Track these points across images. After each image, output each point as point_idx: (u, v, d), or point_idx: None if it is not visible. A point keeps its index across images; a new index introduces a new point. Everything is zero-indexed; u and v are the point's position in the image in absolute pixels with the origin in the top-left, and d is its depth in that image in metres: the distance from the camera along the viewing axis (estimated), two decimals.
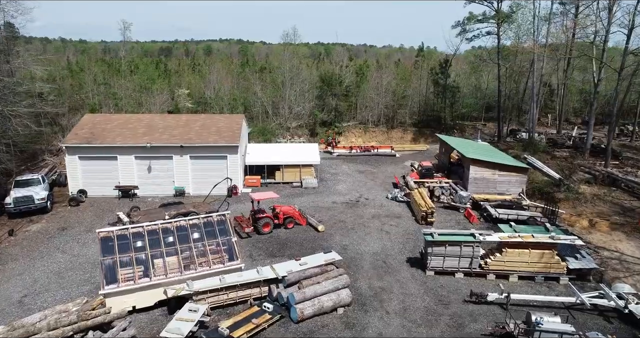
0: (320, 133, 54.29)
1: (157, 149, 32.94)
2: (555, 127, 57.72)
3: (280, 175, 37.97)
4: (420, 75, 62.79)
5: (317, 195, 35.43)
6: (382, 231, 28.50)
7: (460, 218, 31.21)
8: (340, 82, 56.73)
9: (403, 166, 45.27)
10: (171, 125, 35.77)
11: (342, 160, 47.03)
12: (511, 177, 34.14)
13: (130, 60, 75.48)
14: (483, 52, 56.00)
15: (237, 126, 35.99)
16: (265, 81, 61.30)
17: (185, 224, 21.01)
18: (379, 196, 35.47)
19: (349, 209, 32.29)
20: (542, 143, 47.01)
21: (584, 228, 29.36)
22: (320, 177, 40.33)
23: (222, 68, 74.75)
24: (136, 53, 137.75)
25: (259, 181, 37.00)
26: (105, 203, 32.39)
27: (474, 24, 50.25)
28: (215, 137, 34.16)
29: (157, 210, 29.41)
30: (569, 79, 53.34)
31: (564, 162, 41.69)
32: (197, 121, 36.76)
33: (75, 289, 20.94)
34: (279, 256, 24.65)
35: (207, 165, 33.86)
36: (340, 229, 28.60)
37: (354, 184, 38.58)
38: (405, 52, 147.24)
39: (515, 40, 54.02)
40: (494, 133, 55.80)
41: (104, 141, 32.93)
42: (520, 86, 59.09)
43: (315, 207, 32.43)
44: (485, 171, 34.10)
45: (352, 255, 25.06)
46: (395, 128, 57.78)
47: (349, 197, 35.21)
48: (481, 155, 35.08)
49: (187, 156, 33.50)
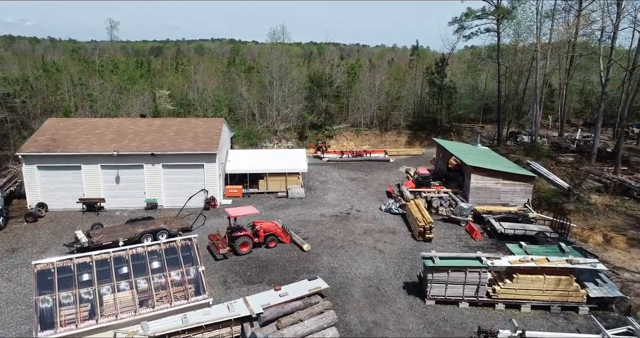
0: (309, 136, 51.19)
1: (125, 157, 29.69)
2: (556, 129, 55.06)
3: (264, 184, 34.84)
4: (415, 75, 59.79)
5: (304, 206, 32.33)
6: (375, 249, 25.46)
7: (461, 233, 28.25)
8: (330, 82, 53.64)
9: (397, 172, 42.29)
10: (143, 130, 32.50)
11: (332, 166, 43.96)
12: (516, 187, 31.25)
13: (110, 60, 72.05)
14: (482, 50, 53.15)
15: (216, 131, 32.80)
16: (252, 81, 58.13)
17: (143, 251, 17.81)
18: (371, 207, 32.46)
19: (339, 223, 29.22)
20: (545, 147, 44.21)
21: (599, 245, 26.51)
22: (309, 185, 37.25)
23: (208, 67, 71.59)
24: (126, 52, 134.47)
25: (240, 191, 33.85)
26: (67, 218, 29.06)
27: (472, 21, 47.41)
28: (191, 143, 30.96)
29: (122, 227, 26.24)
30: (571, 78, 50.59)
31: (570, 167, 38.90)
32: (172, 126, 33.52)
33: (13, 329, 17.70)
34: (257, 282, 21.54)
35: (181, 175, 30.67)
36: (329, 248, 25.53)
37: (344, 194, 35.53)
38: (398, 51, 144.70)
39: (515, 38, 51.28)
40: (493, 136, 53.00)
41: (66, 149, 29.61)
42: (519, 86, 56.33)
43: (301, 221, 29.33)
44: (487, 180, 31.18)
45: (341, 279, 22.01)
46: (389, 131, 54.76)
47: (339, 208, 32.15)
48: (483, 163, 32.17)
49: (160, 165, 30.27)
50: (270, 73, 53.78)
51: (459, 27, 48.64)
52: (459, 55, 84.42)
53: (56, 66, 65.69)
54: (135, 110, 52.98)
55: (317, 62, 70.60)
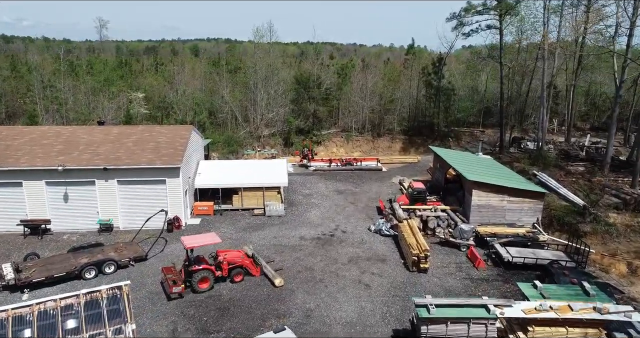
0: (296, 142, 47.21)
1: (73, 172, 25.67)
2: (562, 134, 51.22)
3: (239, 199, 30.86)
4: (411, 75, 55.80)
5: (282, 226, 28.37)
6: (361, 284, 21.53)
7: (461, 260, 24.34)
8: (319, 83, 49.64)
9: (390, 184, 38.36)
10: (97, 140, 28.47)
11: (319, 176, 39.99)
12: (524, 204, 27.38)
13: (87, 59, 67.98)
14: (482, 49, 49.22)
15: (182, 141, 28.80)
16: (237, 83, 54.17)
17: (55, 306, 13.83)
18: (359, 227, 28.53)
19: (320, 249, 25.27)
20: (552, 155, 40.31)
21: (623, 276, 22.66)
22: (290, 199, 33.31)
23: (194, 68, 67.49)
24: (121, 52, 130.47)
25: (211, 208, 29.86)
26: (4, 244, 24.98)
27: (472, 16, 43.50)
28: (151, 156, 26.95)
29: (62, 257, 22.22)
30: (579, 79, 46.77)
31: (581, 178, 35.02)
32: (132, 135, 29.49)
33: None
34: (214, 332, 17.59)
35: (140, 191, 26.67)
36: (306, 281, 21.59)
37: (329, 210, 31.58)
38: (395, 51, 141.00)
39: (517, 36, 47.43)
40: (495, 141, 49.14)
41: (4, 163, 25.56)
42: (522, 88, 52.45)
43: (276, 246, 25.37)
44: (491, 197, 27.31)
45: (317, 326, 18.09)
46: (382, 136, 50.75)
47: (322, 229, 28.20)
48: (486, 176, 28.29)
49: (114, 181, 26.25)
50: (254, 73, 49.82)
51: (457, 24, 44.70)
52: (457, 55, 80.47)
53: (28, 66, 61.61)
54: (109, 115, 48.99)
55: (307, 62, 66.61)
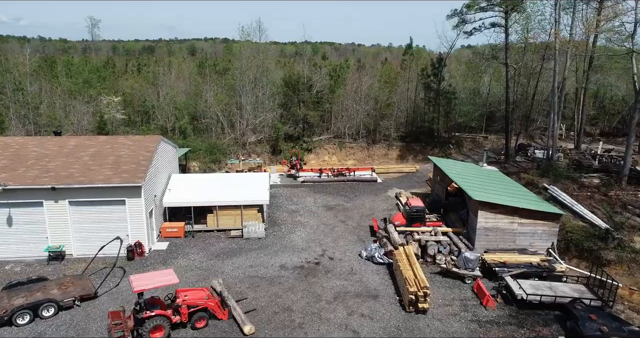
0: (284, 150, 43.66)
1: (17, 192, 22.13)
2: (570, 140, 47.79)
3: (214, 219, 27.33)
4: (409, 77, 52.23)
5: (261, 252, 24.84)
6: (348, 330, 18.03)
7: (466, 295, 20.87)
8: (310, 86, 46.09)
9: (386, 197, 34.88)
10: (49, 153, 24.92)
11: (307, 189, 36.48)
12: (537, 227, 23.90)
13: (66, 60, 64.31)
14: (486, 48, 45.67)
15: (147, 154, 25.25)
16: (224, 85, 50.60)
17: None
18: (349, 252, 25.05)
19: (303, 281, 21.76)
20: (563, 165, 36.81)
21: None
22: (274, 217, 29.82)
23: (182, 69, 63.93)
24: (118, 52, 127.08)
25: (182, 230, 26.34)
26: None
27: (475, 13, 39.96)
28: (110, 172, 23.41)
29: None
30: (590, 82, 43.32)
31: (597, 193, 31.56)
32: (91, 147, 25.92)
33: None
34: None
35: (96, 213, 23.15)
36: (282, 327, 18.09)
37: (316, 231, 28.08)
38: (393, 51, 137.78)
39: (523, 35, 43.93)
40: (499, 149, 45.70)
41: None
42: (528, 90, 48.98)
43: (252, 278, 21.85)
44: (500, 219, 23.81)
45: None
46: (378, 143, 47.18)
47: (307, 254, 24.70)
48: (494, 195, 24.80)
49: (65, 202, 22.71)
50: (240, 75, 46.28)
51: (459, 21, 41.12)
52: (457, 54, 76.99)
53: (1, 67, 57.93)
54: (85, 120, 45.37)
55: (298, 62, 63.11)
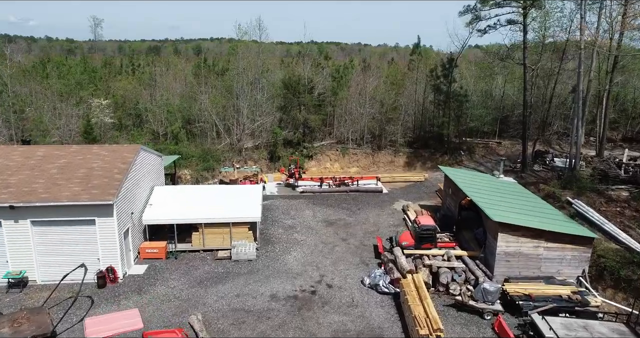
0: (283, 156, 40.81)
1: None
2: (591, 146, 44.48)
3: (200, 238, 24.49)
4: (417, 78, 49.12)
5: (250, 277, 21.96)
6: None
7: (486, 334, 17.89)
8: (311, 88, 43.18)
9: (392, 211, 31.91)
10: (13, 165, 22.20)
11: (307, 200, 33.59)
12: (565, 251, 20.85)
13: (57, 60, 61.89)
14: (501, 47, 42.42)
15: (122, 166, 22.46)
16: (218, 87, 47.88)
17: None
18: (350, 278, 22.12)
19: (296, 316, 18.84)
20: (587, 175, 33.59)
21: None
22: (267, 234, 26.96)
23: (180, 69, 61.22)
24: (124, 52, 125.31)
25: (163, 250, 23.53)
26: None
27: (490, 9, 36.87)
28: (78, 188, 20.64)
29: None
30: (615, 83, 40.06)
31: (627, 208, 28.36)
32: (61, 158, 23.17)
33: None
34: None
35: (63, 235, 20.41)
36: None
37: (314, 251, 25.17)
38: (400, 50, 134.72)
39: (541, 34, 40.78)
40: (514, 155, 42.52)
41: None
42: (546, 93, 45.73)
43: (237, 312, 18.97)
44: (523, 242, 20.79)
45: None
46: (383, 149, 44.11)
47: (302, 281, 21.80)
48: (516, 215, 21.77)
49: (27, 221, 19.98)
50: (237, 76, 43.51)
51: (473, 18, 37.92)
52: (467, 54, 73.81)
53: None
54: (71, 124, 42.74)
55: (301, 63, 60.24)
